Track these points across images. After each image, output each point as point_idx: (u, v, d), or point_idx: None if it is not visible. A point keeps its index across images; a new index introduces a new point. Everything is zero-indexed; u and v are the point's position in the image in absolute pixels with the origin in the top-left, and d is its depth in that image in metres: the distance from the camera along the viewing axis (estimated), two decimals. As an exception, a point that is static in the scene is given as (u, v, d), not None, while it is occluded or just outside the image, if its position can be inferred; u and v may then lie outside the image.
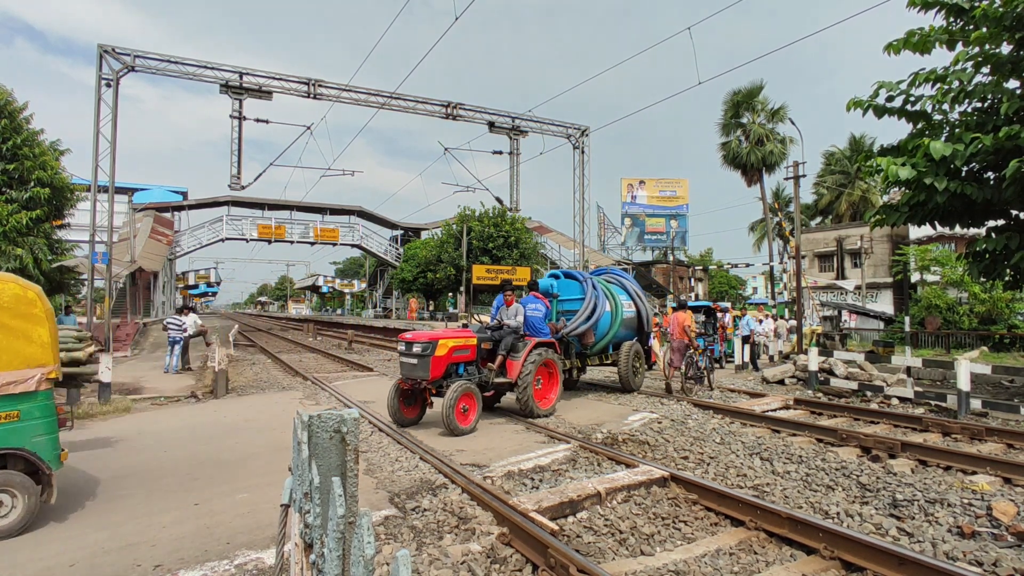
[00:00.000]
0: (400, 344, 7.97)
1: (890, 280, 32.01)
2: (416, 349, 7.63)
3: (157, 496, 5.10)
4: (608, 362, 11.10)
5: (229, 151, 21.35)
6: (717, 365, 15.91)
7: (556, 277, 10.90)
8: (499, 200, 28.23)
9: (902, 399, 10.14)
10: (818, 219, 45.47)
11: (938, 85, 9.52)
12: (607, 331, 10.54)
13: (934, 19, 9.63)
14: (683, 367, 11.11)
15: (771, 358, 18.23)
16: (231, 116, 20.76)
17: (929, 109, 9.83)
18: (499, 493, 4.86)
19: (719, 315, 17.09)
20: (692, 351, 11.19)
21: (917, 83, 9.59)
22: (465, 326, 11.66)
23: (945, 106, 9.59)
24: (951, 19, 9.53)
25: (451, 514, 4.57)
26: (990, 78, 9.40)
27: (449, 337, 7.92)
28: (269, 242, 36.67)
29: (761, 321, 16.75)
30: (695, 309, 16.31)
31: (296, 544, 1.87)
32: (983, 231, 10.87)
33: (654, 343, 13.20)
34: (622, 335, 11.05)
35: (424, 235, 41.89)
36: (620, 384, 10.94)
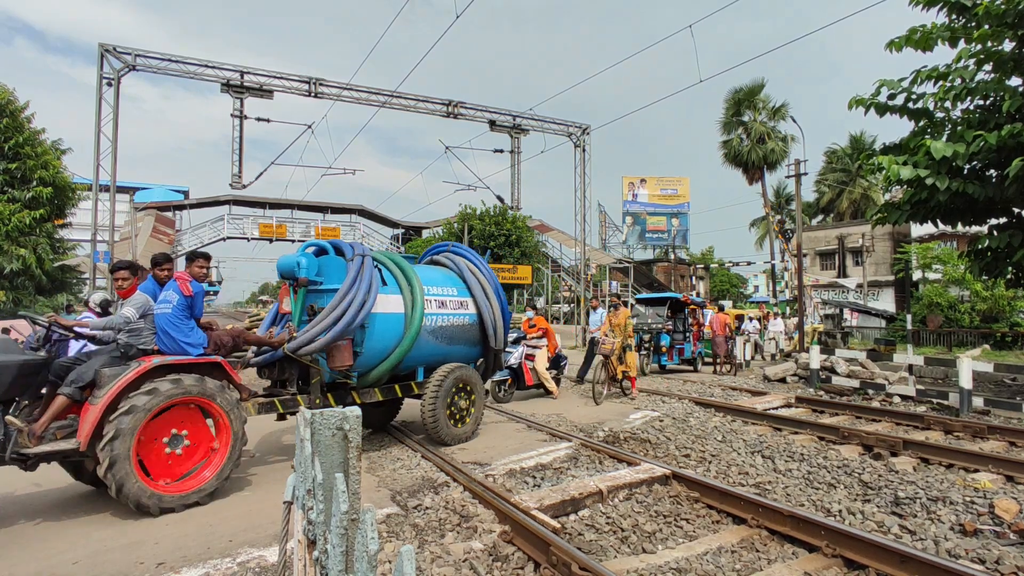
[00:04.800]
0: None
1: (892, 278, 31.96)
2: None
3: (159, 494, 5.10)
4: (414, 394, 6.88)
5: (230, 150, 21.35)
6: (689, 367, 15.03)
7: (323, 252, 6.43)
8: (500, 199, 28.21)
9: (904, 397, 10.13)
10: (819, 217, 45.40)
11: (940, 83, 9.49)
12: (390, 347, 6.31)
13: (936, 16, 9.61)
14: (610, 368, 9.91)
15: (773, 356, 18.24)
16: (232, 115, 20.74)
17: (931, 107, 9.80)
18: (501, 491, 4.86)
19: (696, 310, 15.77)
20: (610, 356, 9.78)
21: (919, 81, 9.57)
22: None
23: (947, 104, 9.56)
24: (953, 16, 9.51)
25: (453, 512, 4.58)
26: (992, 76, 9.38)
27: None
28: (270, 241, 36.67)
29: (751, 319, 16.62)
30: (652, 301, 15.51)
31: (299, 541, 1.87)
32: (985, 229, 10.85)
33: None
34: (438, 352, 6.88)
35: (425, 234, 41.86)
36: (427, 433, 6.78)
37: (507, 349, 9.28)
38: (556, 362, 10.91)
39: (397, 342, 6.35)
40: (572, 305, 33.40)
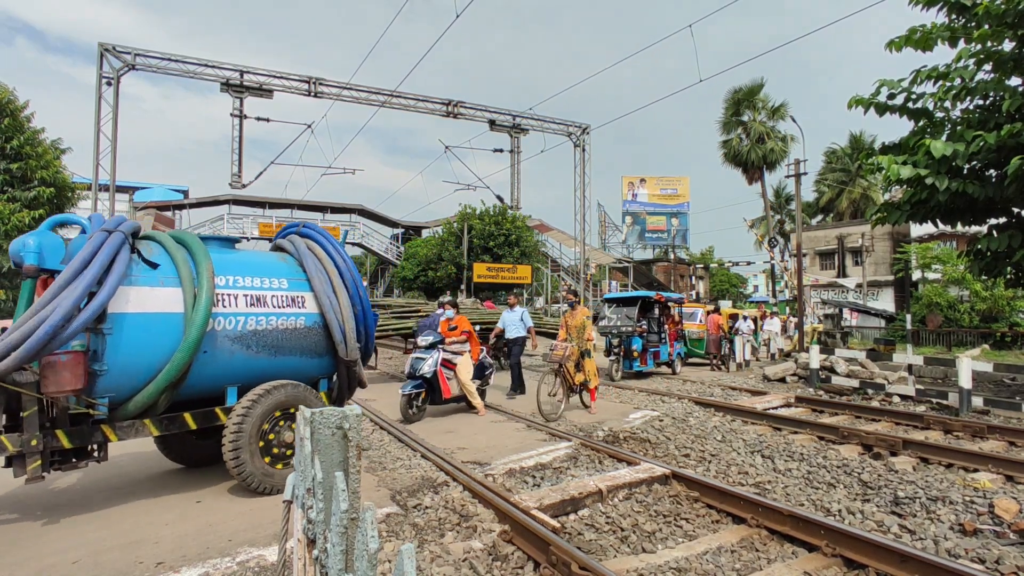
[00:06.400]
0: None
1: (891, 278, 31.98)
2: None
3: (159, 493, 5.11)
4: (221, 424, 5.08)
5: (230, 149, 21.34)
6: (668, 368, 14.21)
7: (61, 226, 4.91)
8: (500, 198, 28.22)
9: (903, 397, 10.13)
10: (819, 217, 45.44)
11: (940, 83, 9.50)
12: (161, 361, 4.52)
13: (936, 16, 9.61)
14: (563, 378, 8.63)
15: (772, 356, 18.26)
16: (232, 115, 20.75)
17: (931, 107, 9.81)
18: (500, 491, 4.86)
19: (673, 307, 15.07)
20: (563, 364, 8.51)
21: (919, 81, 9.57)
22: None
23: (947, 103, 9.57)
24: (953, 16, 9.51)
25: (453, 512, 4.57)
26: (992, 75, 9.38)
27: None
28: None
29: (745, 318, 16.61)
30: (621, 301, 14.34)
31: (299, 540, 1.87)
32: (984, 229, 10.86)
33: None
34: (255, 366, 5.15)
35: (425, 233, 41.86)
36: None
37: (419, 355, 8.19)
38: (480, 371, 9.21)
39: (167, 356, 4.53)
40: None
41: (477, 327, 13.39)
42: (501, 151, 26.47)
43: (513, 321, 10.63)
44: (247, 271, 5.29)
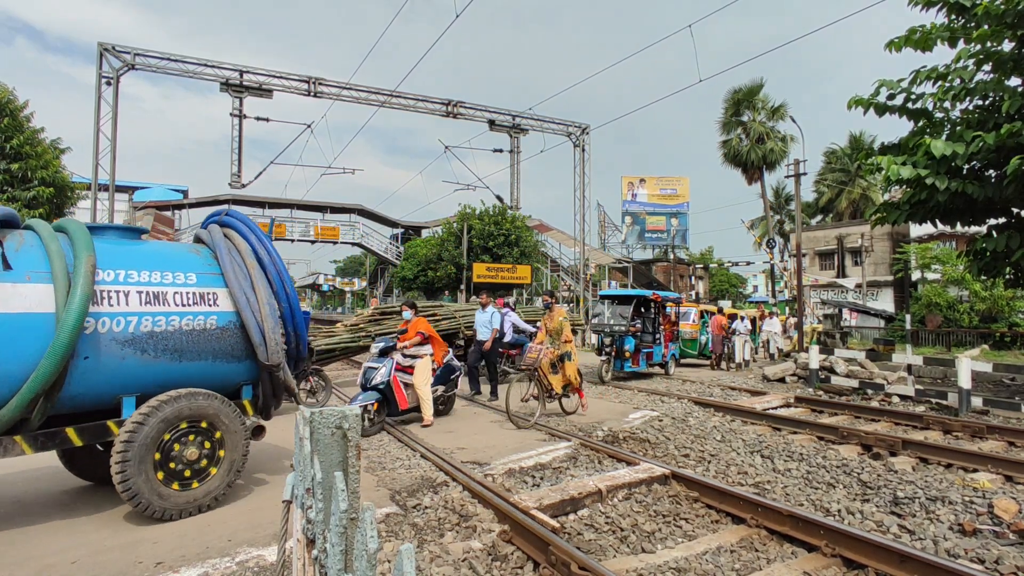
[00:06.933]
0: None
1: (891, 278, 32.00)
2: None
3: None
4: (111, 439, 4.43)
5: (229, 149, 21.36)
6: (661, 369, 13.87)
7: None
8: (499, 198, 28.24)
9: (903, 397, 10.14)
10: (819, 217, 45.46)
11: (939, 83, 9.51)
12: (26, 368, 3.95)
13: (936, 16, 9.63)
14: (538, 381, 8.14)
15: (772, 356, 18.26)
16: (231, 114, 20.76)
17: (930, 107, 9.83)
18: (500, 491, 4.86)
19: (671, 307, 14.85)
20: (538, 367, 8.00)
21: (918, 81, 9.58)
22: None
23: (946, 104, 9.59)
24: (953, 16, 9.53)
25: (452, 512, 4.57)
26: (991, 76, 9.40)
27: None
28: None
29: (742, 319, 16.63)
30: (617, 299, 13.82)
31: (298, 540, 1.87)
32: (984, 229, 10.87)
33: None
34: (154, 373, 4.52)
35: (424, 233, 41.87)
36: None
37: (371, 364, 7.52)
38: (445, 375, 8.53)
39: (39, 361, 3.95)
40: (571, 305, 33.39)
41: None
42: (501, 151, 26.48)
43: (484, 323, 9.99)
44: (144, 264, 4.63)
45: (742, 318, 16.49)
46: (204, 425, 4.57)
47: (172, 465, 4.41)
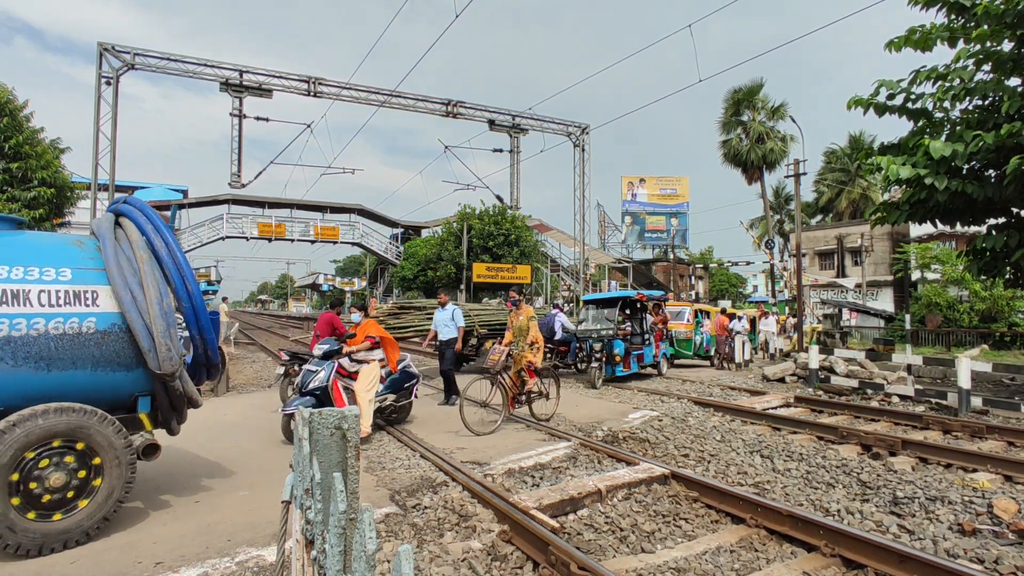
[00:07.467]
0: None
1: (890, 278, 32.01)
2: None
3: (157, 494, 5.10)
4: None
5: (229, 149, 21.36)
6: (654, 370, 13.59)
7: None
8: (499, 198, 28.24)
9: (903, 397, 10.14)
10: (818, 217, 45.48)
11: (939, 83, 9.51)
12: None
13: (935, 16, 9.63)
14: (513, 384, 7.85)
15: (772, 356, 18.26)
16: (231, 114, 20.76)
17: (930, 107, 9.83)
18: (500, 491, 4.86)
19: (661, 306, 14.61)
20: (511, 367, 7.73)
21: (918, 81, 9.59)
22: None
23: (946, 104, 9.59)
24: (952, 16, 9.53)
25: (452, 512, 4.58)
26: (991, 76, 9.40)
27: None
28: (269, 240, 36.67)
29: (740, 319, 16.65)
30: (601, 303, 13.44)
31: (297, 540, 1.87)
32: (983, 229, 10.87)
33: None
34: (14, 384, 3.86)
35: (424, 233, 41.86)
36: None
37: (311, 367, 6.90)
38: (400, 383, 7.82)
39: None
40: (571, 305, 33.39)
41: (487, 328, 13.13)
42: (501, 151, 26.48)
43: (444, 321, 9.40)
44: (3, 259, 3.99)
45: (740, 318, 16.51)
46: (73, 446, 3.90)
47: (37, 490, 3.78)
